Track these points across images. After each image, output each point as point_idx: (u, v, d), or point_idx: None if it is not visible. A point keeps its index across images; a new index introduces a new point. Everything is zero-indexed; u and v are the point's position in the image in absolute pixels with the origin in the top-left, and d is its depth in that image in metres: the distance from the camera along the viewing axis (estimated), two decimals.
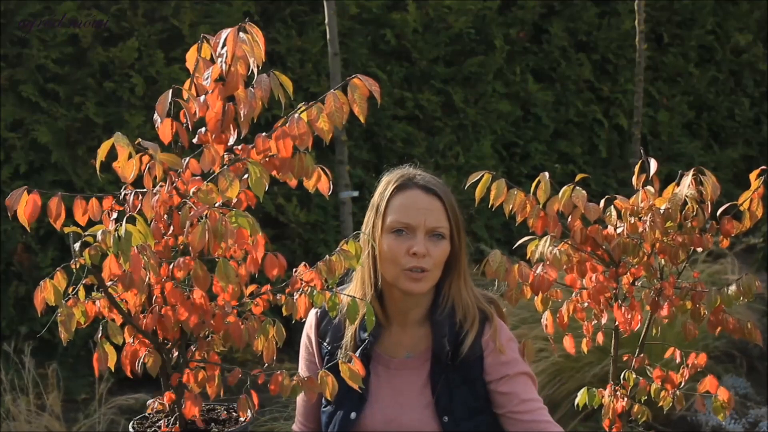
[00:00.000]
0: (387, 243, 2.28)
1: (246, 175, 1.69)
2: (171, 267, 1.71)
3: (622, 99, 7.05)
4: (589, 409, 2.32)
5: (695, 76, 7.44)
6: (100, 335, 1.73)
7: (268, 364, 1.79)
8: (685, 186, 2.05)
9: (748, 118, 7.76)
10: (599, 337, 2.25)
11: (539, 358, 4.44)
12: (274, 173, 1.75)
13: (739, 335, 2.12)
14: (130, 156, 1.68)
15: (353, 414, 2.34)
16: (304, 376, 1.81)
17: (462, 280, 2.35)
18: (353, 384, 1.82)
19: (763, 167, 2.06)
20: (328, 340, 2.40)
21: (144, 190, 1.71)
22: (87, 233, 1.65)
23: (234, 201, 1.73)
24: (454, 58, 6.49)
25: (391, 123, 6.18)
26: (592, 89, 7.02)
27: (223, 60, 1.67)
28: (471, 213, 6.12)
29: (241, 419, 1.83)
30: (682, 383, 2.21)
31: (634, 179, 2.17)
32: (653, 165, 2.12)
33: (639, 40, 5.67)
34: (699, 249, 2.09)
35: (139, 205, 1.70)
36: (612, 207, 2.14)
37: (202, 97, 1.71)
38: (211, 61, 1.72)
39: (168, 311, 1.72)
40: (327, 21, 5.07)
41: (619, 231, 2.12)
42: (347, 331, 2.35)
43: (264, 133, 1.74)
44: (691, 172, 2.06)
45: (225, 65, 1.67)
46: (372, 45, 6.20)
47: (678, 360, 2.24)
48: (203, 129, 1.74)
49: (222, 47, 1.67)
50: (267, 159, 1.74)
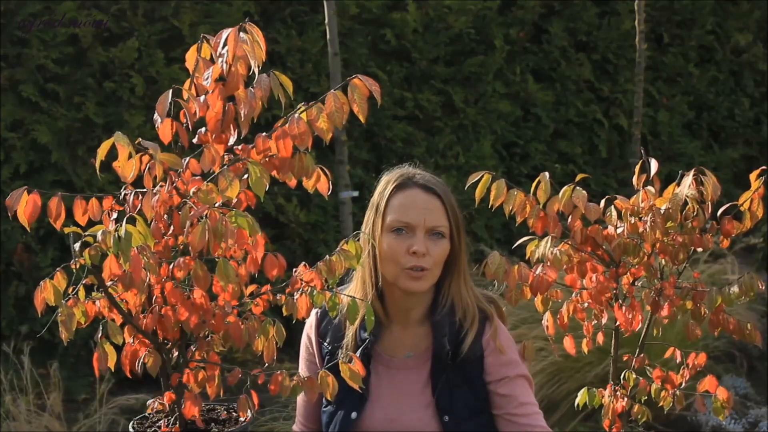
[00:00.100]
0: (387, 242, 2.28)
1: (246, 175, 1.69)
2: (171, 267, 1.71)
3: (622, 99, 7.05)
4: (589, 409, 2.32)
5: (695, 76, 7.44)
6: (100, 335, 1.73)
7: (268, 364, 1.78)
8: (686, 186, 2.05)
9: (748, 118, 7.76)
10: (599, 338, 2.25)
11: (539, 357, 4.44)
12: (274, 173, 1.75)
13: (739, 336, 2.12)
14: (130, 156, 1.68)
15: (354, 413, 2.34)
16: (304, 376, 1.81)
17: (462, 279, 2.35)
18: (353, 384, 1.82)
19: (764, 167, 2.06)
20: (328, 340, 2.40)
21: (144, 190, 1.71)
22: (87, 233, 1.64)
23: (234, 201, 1.73)
24: (454, 58, 6.48)
25: (391, 123, 6.18)
26: (592, 89, 7.02)
27: (224, 60, 1.67)
28: (471, 213, 6.12)
29: (241, 419, 1.83)
30: (682, 383, 2.21)
31: (634, 179, 2.17)
32: (653, 165, 2.11)
33: (639, 40, 5.67)
34: (699, 249, 2.09)
35: (139, 205, 1.70)
36: (612, 207, 2.14)
37: (202, 97, 1.71)
38: (211, 61, 1.72)
39: (168, 311, 1.72)
40: (327, 21, 5.06)
41: (620, 231, 2.11)
42: (348, 331, 2.35)
43: (264, 133, 1.74)
44: (692, 172, 2.06)
45: (226, 65, 1.67)
46: (372, 45, 6.20)
47: (678, 360, 2.24)
48: (203, 129, 1.74)
49: (223, 47, 1.67)
50: (267, 159, 1.74)
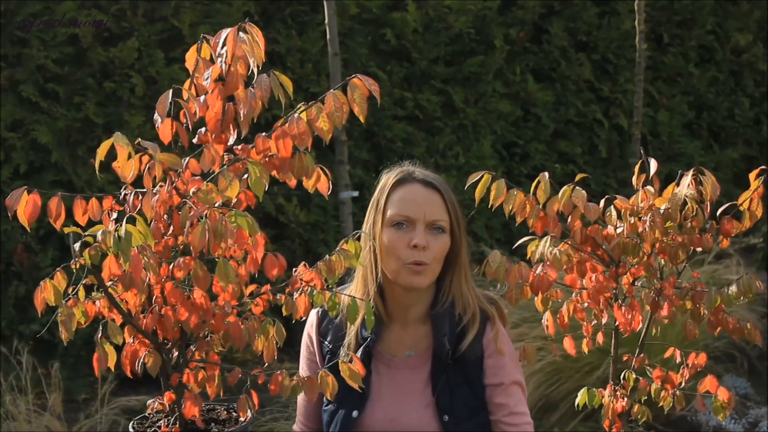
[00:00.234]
0: (387, 236, 2.29)
1: (246, 175, 1.69)
2: (171, 267, 1.71)
3: (622, 99, 7.05)
4: (589, 409, 2.32)
5: (695, 76, 7.44)
6: (100, 335, 1.73)
7: (268, 364, 1.78)
8: (685, 186, 2.05)
9: (748, 118, 7.75)
10: (599, 337, 2.25)
11: (539, 357, 4.44)
12: (273, 173, 1.75)
13: (739, 336, 2.12)
14: (129, 156, 1.68)
15: (355, 412, 2.34)
16: (305, 375, 1.80)
17: (463, 276, 2.35)
18: (353, 384, 1.82)
19: (763, 167, 2.06)
20: (329, 339, 2.40)
21: (144, 190, 1.71)
22: (87, 233, 1.64)
23: (234, 201, 1.73)
24: (454, 58, 6.48)
25: (391, 123, 6.18)
26: (592, 89, 7.02)
27: (223, 60, 1.67)
28: (471, 213, 6.12)
29: (241, 419, 1.83)
30: (682, 383, 2.21)
31: (634, 179, 2.17)
32: (653, 165, 2.12)
33: (639, 40, 5.67)
34: (699, 249, 2.09)
35: (139, 205, 1.70)
36: (612, 207, 2.14)
37: (202, 97, 1.71)
38: (211, 61, 1.72)
39: (168, 311, 1.72)
40: (327, 21, 5.06)
41: (619, 231, 2.11)
42: (350, 330, 2.36)
43: (264, 133, 1.74)
44: (691, 172, 2.06)
45: (225, 65, 1.67)
46: (372, 45, 6.20)
47: (678, 360, 2.24)
48: (203, 129, 1.74)
49: (222, 47, 1.67)
50: (267, 159, 1.74)
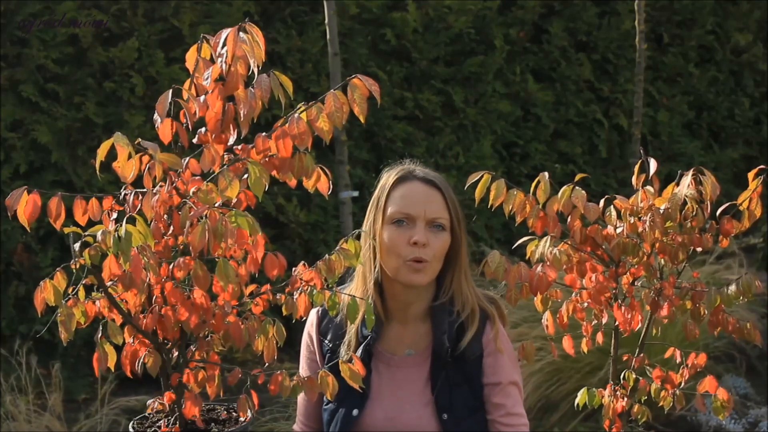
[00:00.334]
0: (388, 234, 2.29)
1: (246, 175, 1.69)
2: (171, 267, 1.71)
3: (622, 99, 7.05)
4: (589, 409, 2.32)
5: (695, 76, 7.44)
6: (100, 335, 1.73)
7: (268, 364, 1.78)
8: (685, 186, 2.05)
9: (748, 118, 7.75)
10: (599, 337, 2.25)
11: (539, 357, 4.45)
12: (273, 173, 1.75)
13: (739, 336, 2.12)
14: (129, 156, 1.68)
15: (355, 411, 2.35)
16: (305, 374, 1.81)
17: (463, 274, 2.36)
18: (353, 383, 1.83)
19: (762, 167, 2.06)
20: (329, 338, 2.40)
21: (144, 190, 1.71)
22: (87, 233, 1.64)
23: (234, 201, 1.73)
24: (454, 58, 6.48)
25: (391, 123, 6.18)
26: (592, 89, 7.02)
27: (223, 60, 1.67)
28: (471, 213, 6.11)
29: (241, 419, 1.83)
30: (682, 383, 2.21)
31: (633, 179, 2.17)
32: (653, 165, 2.12)
33: (639, 40, 5.67)
34: (698, 249, 2.09)
35: (139, 205, 1.70)
36: (612, 207, 2.14)
37: (202, 97, 1.71)
38: (211, 61, 1.72)
39: (168, 311, 1.72)
40: (327, 21, 5.06)
41: (619, 231, 2.11)
42: (350, 329, 2.36)
43: (264, 133, 1.74)
44: (691, 172, 2.06)
45: (225, 65, 1.67)
46: (372, 45, 6.20)
47: (678, 360, 2.24)
48: (203, 129, 1.74)
49: (222, 47, 1.67)
50: (267, 159, 1.74)
